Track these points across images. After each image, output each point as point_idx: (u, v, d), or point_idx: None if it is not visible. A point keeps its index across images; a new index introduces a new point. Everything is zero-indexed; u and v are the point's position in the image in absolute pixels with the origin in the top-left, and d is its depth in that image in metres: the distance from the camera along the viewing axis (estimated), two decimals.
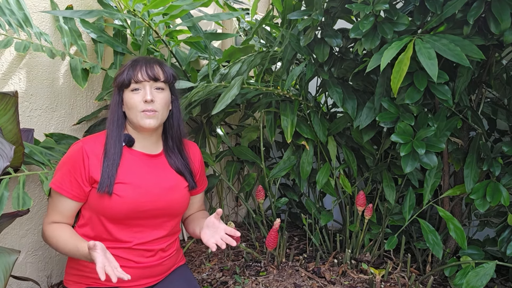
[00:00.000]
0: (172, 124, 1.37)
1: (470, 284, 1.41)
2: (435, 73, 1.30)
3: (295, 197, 2.17)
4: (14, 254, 1.03)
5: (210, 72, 1.69)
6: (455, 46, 1.32)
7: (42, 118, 1.59)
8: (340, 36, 1.67)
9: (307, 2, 1.73)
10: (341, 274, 1.70)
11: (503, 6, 1.32)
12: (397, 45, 1.35)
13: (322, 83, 1.92)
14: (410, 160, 1.50)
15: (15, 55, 1.49)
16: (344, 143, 1.91)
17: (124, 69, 1.28)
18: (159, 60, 1.33)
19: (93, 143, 1.29)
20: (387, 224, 1.80)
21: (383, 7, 1.38)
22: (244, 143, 2.01)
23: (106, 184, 1.24)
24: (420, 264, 1.79)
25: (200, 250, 1.99)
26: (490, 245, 1.74)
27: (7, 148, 1.02)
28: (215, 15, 1.64)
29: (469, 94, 1.74)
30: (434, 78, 1.29)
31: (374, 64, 1.40)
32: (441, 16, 1.41)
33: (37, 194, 1.57)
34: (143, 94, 1.26)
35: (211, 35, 1.75)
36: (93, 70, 1.62)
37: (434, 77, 1.30)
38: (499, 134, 1.90)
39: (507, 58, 1.78)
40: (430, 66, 1.30)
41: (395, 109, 1.54)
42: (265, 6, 2.55)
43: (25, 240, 1.54)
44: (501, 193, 1.52)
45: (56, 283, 1.65)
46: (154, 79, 1.27)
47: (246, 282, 1.64)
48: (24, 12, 1.50)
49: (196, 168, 1.45)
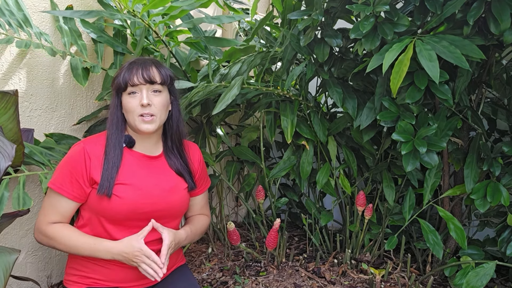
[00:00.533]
0: (172, 125, 1.37)
1: (470, 284, 1.41)
2: (436, 75, 1.30)
3: (295, 197, 2.17)
4: (14, 254, 1.03)
5: (210, 72, 1.69)
6: (455, 48, 1.32)
7: (42, 118, 1.59)
8: (340, 36, 1.67)
9: (307, 2, 1.73)
10: (341, 274, 1.70)
11: (503, 6, 1.32)
12: (398, 47, 1.35)
13: (322, 83, 1.92)
14: (411, 159, 1.50)
15: (15, 55, 1.49)
16: (344, 143, 1.91)
17: (121, 71, 1.28)
18: (156, 61, 1.32)
19: (94, 144, 1.28)
20: (387, 224, 1.80)
21: (383, 8, 1.38)
22: (244, 143, 2.01)
23: (106, 186, 1.23)
24: (420, 264, 1.79)
25: (200, 250, 1.99)
26: (490, 245, 1.75)
27: (9, 148, 1.02)
28: (216, 18, 1.64)
29: (469, 94, 1.74)
30: (436, 80, 1.30)
31: (374, 64, 1.40)
32: (441, 16, 1.41)
33: (37, 194, 1.57)
34: (139, 98, 1.25)
35: (212, 39, 1.75)
36: (94, 69, 1.62)
37: (436, 79, 1.30)
38: (499, 134, 1.90)
39: (507, 58, 1.79)
40: (431, 68, 1.31)
41: (395, 108, 1.54)
42: (265, 6, 2.55)
43: (25, 240, 1.54)
44: (501, 193, 1.53)
45: (56, 283, 1.64)
46: (150, 82, 1.26)
47: (246, 282, 1.64)
48: (24, 13, 1.50)
49: (195, 169, 1.45)
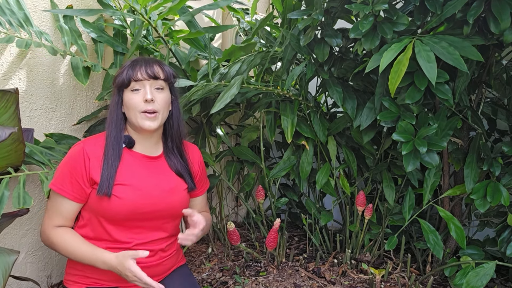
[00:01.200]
0: (172, 125, 1.37)
1: (470, 284, 1.41)
2: (433, 77, 1.31)
3: (295, 197, 2.17)
4: (14, 255, 1.03)
5: (210, 71, 1.68)
6: (454, 49, 1.33)
7: (42, 118, 1.59)
8: (340, 36, 1.67)
9: (307, 1, 1.73)
10: (341, 274, 1.70)
11: (503, 6, 1.32)
12: (397, 47, 1.35)
13: (322, 83, 1.92)
14: (412, 159, 1.49)
15: (15, 55, 1.49)
16: (344, 143, 1.91)
17: (124, 69, 1.28)
18: (159, 60, 1.33)
19: (93, 144, 1.28)
20: (387, 224, 1.80)
21: (382, 7, 1.38)
22: (244, 143, 2.01)
23: (105, 186, 1.23)
24: (420, 264, 1.79)
25: (200, 250, 1.99)
26: (490, 245, 1.74)
27: None
28: (213, 4, 1.62)
29: (469, 94, 1.74)
30: (433, 82, 1.31)
31: (373, 65, 1.40)
32: (441, 16, 1.41)
33: (37, 194, 1.57)
34: (143, 94, 1.26)
35: (210, 28, 1.74)
36: (95, 68, 1.63)
37: (433, 80, 1.31)
38: (499, 134, 1.90)
39: (507, 58, 1.78)
40: (429, 69, 1.31)
41: (396, 108, 1.54)
42: (265, 6, 2.55)
43: (25, 240, 1.54)
44: (501, 193, 1.52)
45: (56, 283, 1.64)
46: (154, 78, 1.27)
47: (246, 282, 1.64)
48: (24, 12, 1.50)
49: (196, 170, 1.45)
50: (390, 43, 1.38)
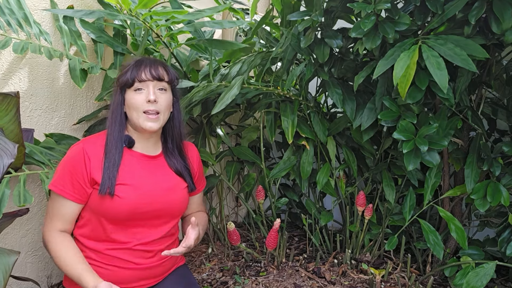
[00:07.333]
0: (173, 126, 1.37)
1: (470, 284, 1.41)
2: (445, 85, 1.27)
3: (295, 197, 2.17)
4: (14, 255, 1.03)
5: (211, 71, 1.69)
6: (461, 50, 1.30)
7: (42, 118, 1.58)
8: (340, 37, 1.66)
9: (306, 1, 1.72)
10: (341, 274, 1.70)
11: (504, 6, 1.32)
12: (407, 55, 1.33)
13: (322, 83, 1.92)
14: (412, 158, 1.49)
15: (15, 55, 1.49)
16: (344, 143, 1.91)
17: (128, 69, 1.28)
18: (163, 61, 1.34)
19: (93, 144, 1.28)
20: (387, 224, 1.80)
21: (384, 6, 1.37)
22: (244, 143, 2.01)
23: (108, 186, 1.23)
24: (420, 264, 1.79)
25: (200, 250, 1.99)
26: (490, 245, 1.75)
27: (11, 146, 1.02)
28: (218, 22, 1.64)
29: (469, 94, 1.74)
30: (444, 90, 1.27)
31: (381, 70, 1.38)
32: (443, 16, 1.41)
33: (37, 194, 1.57)
34: (146, 94, 1.26)
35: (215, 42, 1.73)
36: (92, 71, 1.61)
37: (445, 88, 1.27)
38: (499, 134, 1.90)
39: (507, 58, 1.79)
40: (440, 76, 1.28)
41: (396, 108, 1.54)
42: (265, 6, 2.55)
43: (25, 240, 1.54)
44: (501, 193, 1.52)
45: (56, 283, 1.64)
46: (158, 79, 1.27)
47: (246, 282, 1.64)
48: (24, 12, 1.50)
49: (195, 170, 1.45)
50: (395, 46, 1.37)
